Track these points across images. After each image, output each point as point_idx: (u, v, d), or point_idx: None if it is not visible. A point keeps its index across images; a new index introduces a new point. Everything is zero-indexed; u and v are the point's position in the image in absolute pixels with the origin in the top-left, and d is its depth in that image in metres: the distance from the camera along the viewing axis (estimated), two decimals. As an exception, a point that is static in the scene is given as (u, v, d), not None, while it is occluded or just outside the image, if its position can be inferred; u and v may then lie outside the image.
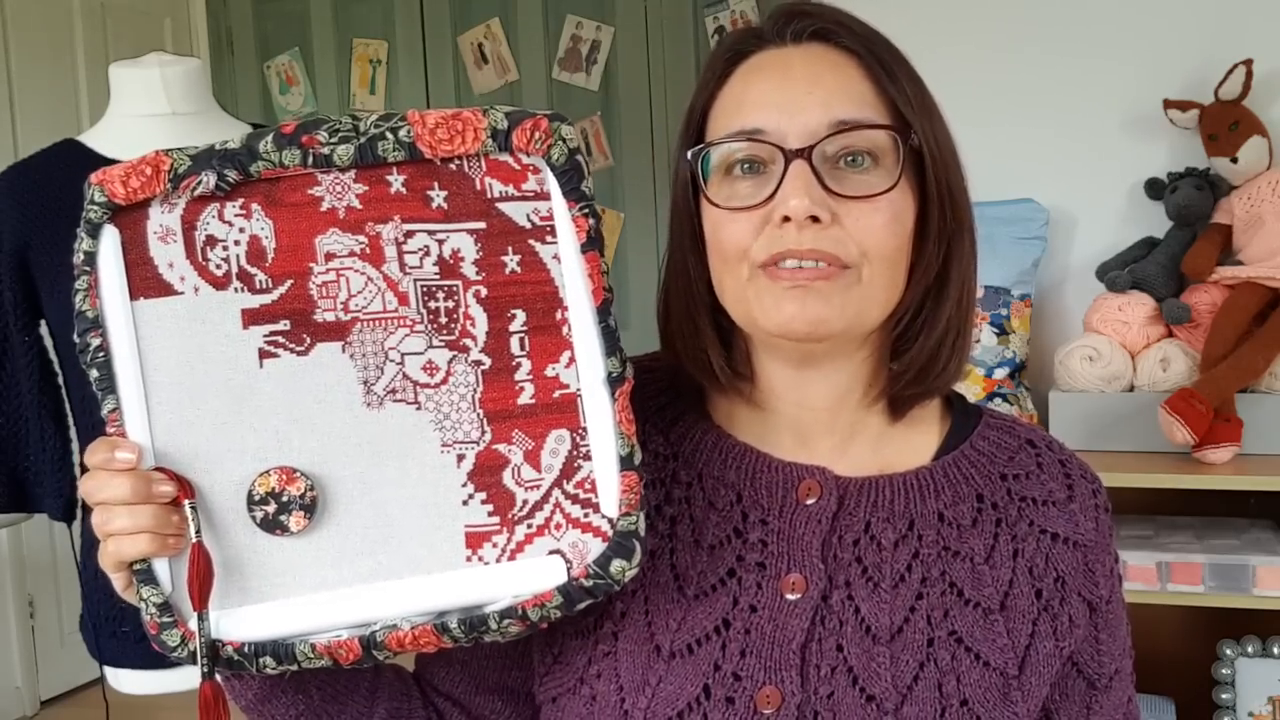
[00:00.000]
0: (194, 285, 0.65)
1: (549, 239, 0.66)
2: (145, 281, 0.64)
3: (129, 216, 0.64)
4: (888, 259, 0.71)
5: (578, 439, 0.66)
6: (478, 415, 0.66)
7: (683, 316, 0.78)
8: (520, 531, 0.66)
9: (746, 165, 0.72)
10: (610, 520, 0.66)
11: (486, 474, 0.66)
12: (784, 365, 0.76)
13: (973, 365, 1.99)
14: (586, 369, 0.66)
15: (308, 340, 0.65)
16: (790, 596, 0.73)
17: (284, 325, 0.65)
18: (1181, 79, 1.99)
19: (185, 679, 1.42)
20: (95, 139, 1.44)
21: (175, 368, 0.65)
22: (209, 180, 0.64)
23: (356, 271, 0.65)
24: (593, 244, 0.66)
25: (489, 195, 0.65)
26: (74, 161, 1.41)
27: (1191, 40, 1.99)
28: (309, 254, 0.65)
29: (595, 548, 0.66)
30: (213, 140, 0.67)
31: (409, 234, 0.65)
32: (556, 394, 0.66)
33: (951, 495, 0.77)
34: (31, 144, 1.76)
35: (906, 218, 0.72)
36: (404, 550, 0.66)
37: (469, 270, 0.65)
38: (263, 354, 0.65)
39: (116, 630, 1.41)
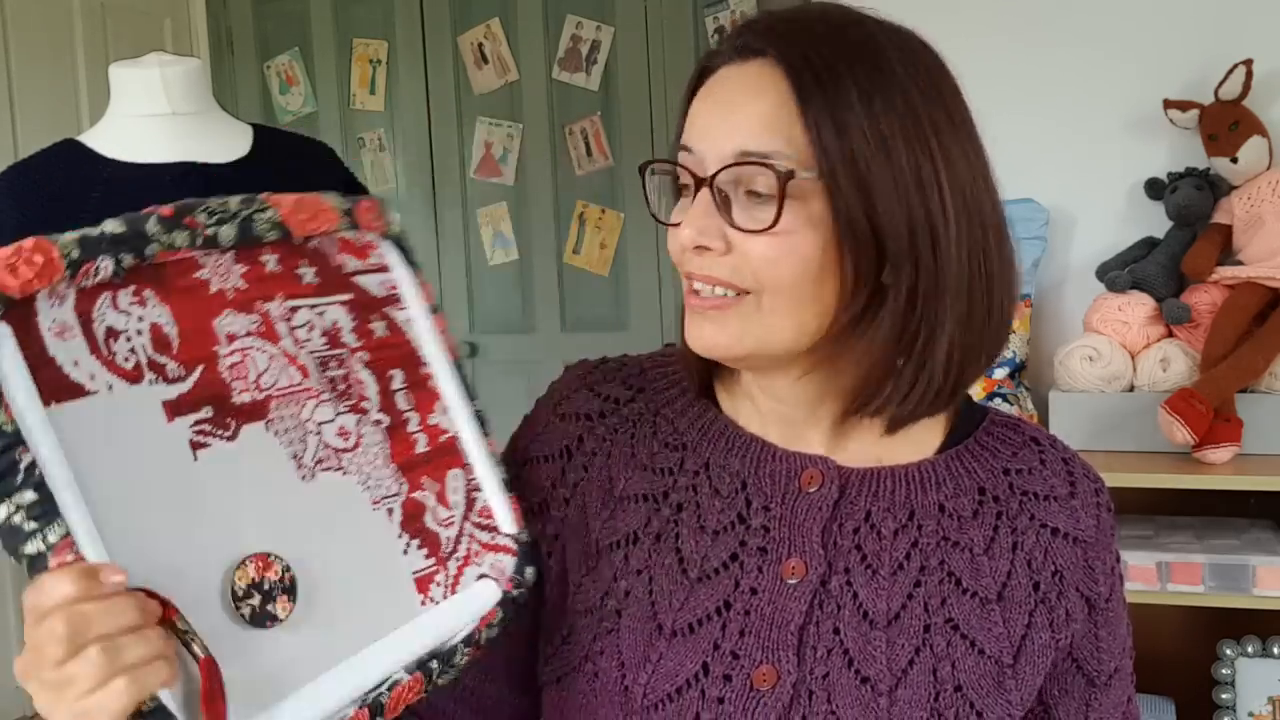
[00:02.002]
0: (106, 382, 0.59)
1: (400, 305, 0.72)
2: (54, 385, 0.57)
3: (18, 313, 0.57)
4: (784, 291, 0.70)
5: (468, 474, 0.73)
6: (392, 470, 0.70)
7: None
8: (453, 566, 0.72)
9: (684, 185, 0.74)
10: (513, 536, 0.74)
11: (413, 521, 0.70)
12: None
13: (973, 365, 1.99)
14: (457, 413, 0.73)
15: (232, 424, 0.63)
16: (790, 580, 0.75)
17: (207, 412, 0.62)
18: (1181, 79, 1.99)
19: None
20: (95, 139, 1.44)
21: (112, 477, 0.58)
22: (106, 266, 0.59)
23: (259, 350, 0.65)
24: (436, 308, 0.74)
25: (345, 270, 0.70)
26: (74, 161, 1.41)
27: (1191, 40, 1.99)
28: (211, 337, 0.63)
29: (510, 562, 0.73)
30: (213, 141, 0.67)
31: (293, 309, 0.67)
32: (442, 438, 0.73)
33: (953, 487, 0.78)
34: (31, 144, 1.76)
35: (809, 251, 0.69)
36: (376, 609, 0.67)
37: (349, 339, 0.69)
38: (194, 445, 0.62)
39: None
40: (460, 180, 3.52)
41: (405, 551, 0.69)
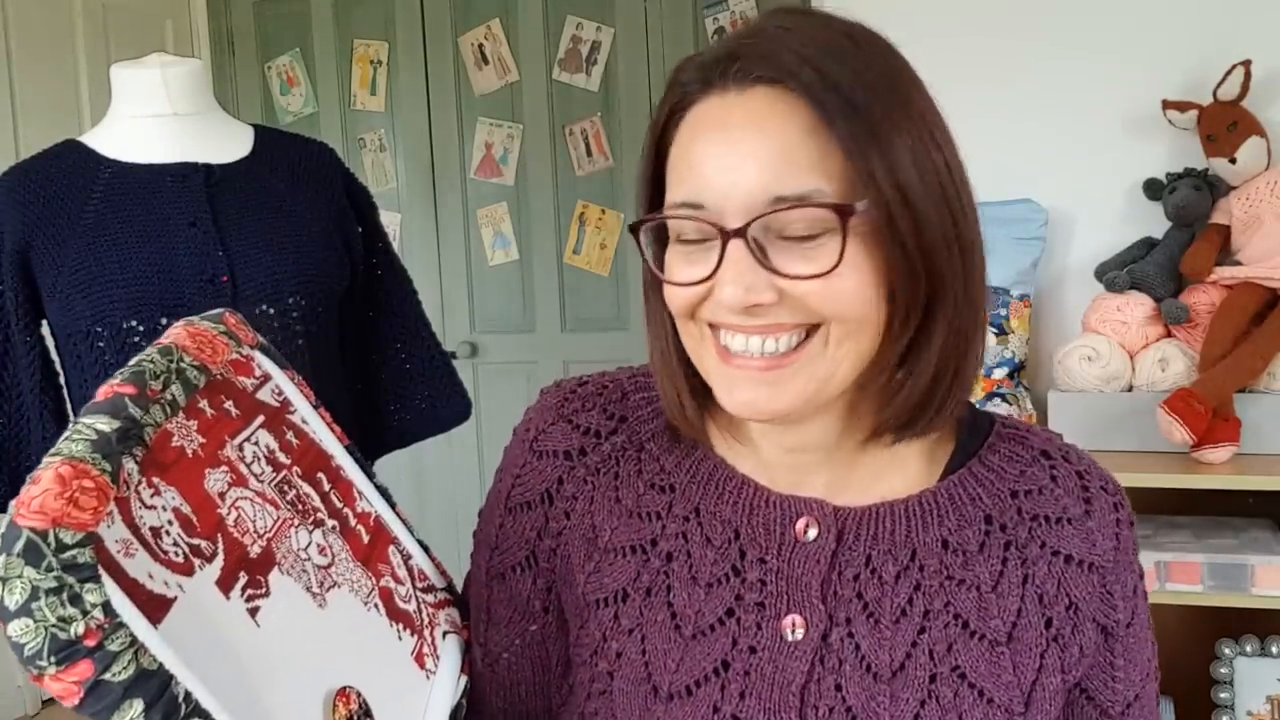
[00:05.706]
0: (177, 584, 0.57)
1: (291, 410, 0.73)
2: (149, 605, 0.55)
3: (97, 548, 0.54)
4: (850, 321, 0.65)
5: (399, 547, 0.77)
6: (360, 568, 0.72)
7: (656, 355, 0.76)
8: (428, 635, 0.75)
9: (688, 239, 0.67)
10: (446, 588, 0.79)
11: (391, 607, 0.73)
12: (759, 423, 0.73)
13: (972, 365, 1.99)
14: (369, 493, 0.76)
15: (262, 580, 0.63)
16: (790, 638, 0.71)
17: (244, 578, 0.62)
18: (1180, 80, 2.00)
19: (186, 678, 1.42)
20: (97, 139, 1.45)
21: (217, 670, 0.57)
22: (131, 469, 0.57)
23: (242, 499, 0.65)
24: (319, 403, 0.75)
25: (249, 391, 0.70)
26: (76, 162, 1.41)
27: (1191, 40, 2.00)
28: (211, 501, 0.63)
29: (455, 612, 0.78)
30: (214, 141, 0.67)
31: (240, 447, 0.67)
32: (371, 521, 0.75)
33: (957, 520, 0.73)
34: (33, 144, 1.76)
35: (869, 279, 0.64)
36: (410, 700, 0.70)
37: (282, 457, 0.70)
38: (251, 613, 0.61)
39: (118, 629, 1.41)
40: (460, 180, 3.52)
41: (400, 638, 0.72)
